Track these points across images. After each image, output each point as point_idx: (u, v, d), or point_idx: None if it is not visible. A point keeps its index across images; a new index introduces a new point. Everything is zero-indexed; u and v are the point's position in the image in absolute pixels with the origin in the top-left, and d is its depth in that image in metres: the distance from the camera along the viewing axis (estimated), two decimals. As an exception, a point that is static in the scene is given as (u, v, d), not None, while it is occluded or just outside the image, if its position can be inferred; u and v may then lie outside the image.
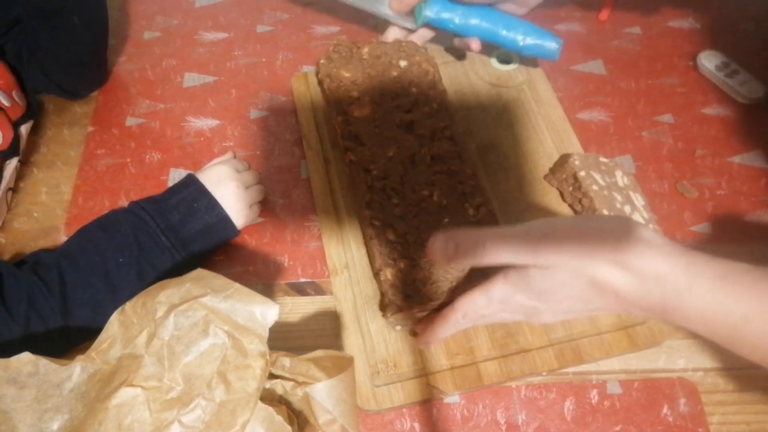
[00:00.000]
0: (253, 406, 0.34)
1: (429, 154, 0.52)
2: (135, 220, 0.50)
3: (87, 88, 0.67)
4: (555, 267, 0.37)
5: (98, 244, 0.49)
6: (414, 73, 0.58)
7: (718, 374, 0.49)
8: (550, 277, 0.37)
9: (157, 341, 0.36)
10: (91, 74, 0.67)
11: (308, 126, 0.62)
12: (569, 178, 0.55)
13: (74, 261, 0.48)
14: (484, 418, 0.47)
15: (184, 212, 0.51)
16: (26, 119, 0.58)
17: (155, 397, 0.34)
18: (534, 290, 0.38)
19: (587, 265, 0.36)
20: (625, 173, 0.55)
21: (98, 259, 0.48)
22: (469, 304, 0.42)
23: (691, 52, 0.68)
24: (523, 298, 0.39)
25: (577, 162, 0.54)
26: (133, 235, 0.49)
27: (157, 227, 0.50)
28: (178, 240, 0.50)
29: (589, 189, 0.52)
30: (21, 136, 0.57)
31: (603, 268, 0.35)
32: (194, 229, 0.51)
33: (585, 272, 0.36)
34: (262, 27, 0.73)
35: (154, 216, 0.50)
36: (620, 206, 0.52)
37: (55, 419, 0.36)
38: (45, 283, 0.46)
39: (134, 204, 0.52)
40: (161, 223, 0.50)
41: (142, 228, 0.50)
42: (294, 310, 0.53)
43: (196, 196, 0.52)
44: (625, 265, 0.35)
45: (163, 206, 0.52)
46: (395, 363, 0.48)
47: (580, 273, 0.36)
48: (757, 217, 0.56)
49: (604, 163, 0.55)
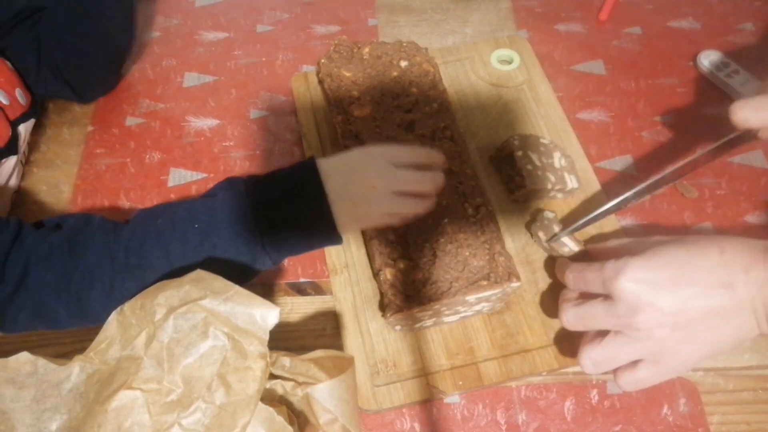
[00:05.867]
0: (254, 408, 0.34)
1: (429, 154, 0.52)
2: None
3: (99, 92, 0.67)
4: None
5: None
6: (414, 73, 0.58)
7: (718, 374, 0.49)
8: None
9: (157, 343, 0.36)
10: (107, 79, 0.67)
11: (308, 126, 0.62)
12: (507, 157, 0.56)
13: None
14: (484, 418, 0.47)
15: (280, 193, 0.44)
16: (27, 118, 0.58)
17: (155, 399, 0.34)
18: None
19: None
20: (563, 155, 0.55)
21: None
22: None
23: (691, 52, 0.68)
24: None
25: (516, 142, 0.56)
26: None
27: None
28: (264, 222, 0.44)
29: (522, 168, 0.54)
30: (20, 135, 0.57)
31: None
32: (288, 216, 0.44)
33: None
34: (262, 27, 0.73)
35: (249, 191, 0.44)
36: (551, 186, 0.53)
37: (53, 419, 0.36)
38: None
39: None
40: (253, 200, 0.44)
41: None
42: (294, 310, 0.53)
43: (301, 177, 0.44)
44: None
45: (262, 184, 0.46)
46: (395, 363, 0.48)
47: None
48: (757, 217, 0.56)
49: (544, 144, 0.56)
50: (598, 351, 0.42)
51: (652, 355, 0.41)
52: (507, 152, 0.56)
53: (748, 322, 0.39)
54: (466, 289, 0.45)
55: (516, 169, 0.55)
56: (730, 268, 0.38)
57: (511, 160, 0.55)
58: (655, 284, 0.40)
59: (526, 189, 0.53)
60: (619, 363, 0.43)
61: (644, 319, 0.39)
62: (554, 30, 0.71)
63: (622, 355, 0.42)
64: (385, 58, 0.59)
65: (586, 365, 0.43)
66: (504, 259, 0.47)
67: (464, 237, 0.48)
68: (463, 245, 0.47)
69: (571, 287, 0.47)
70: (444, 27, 0.72)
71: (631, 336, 0.41)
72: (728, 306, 0.39)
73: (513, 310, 0.50)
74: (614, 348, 0.42)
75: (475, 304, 0.47)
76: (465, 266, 0.46)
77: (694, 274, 0.39)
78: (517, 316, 0.50)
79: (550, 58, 0.68)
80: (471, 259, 0.47)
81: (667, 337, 0.40)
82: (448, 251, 0.47)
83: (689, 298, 0.39)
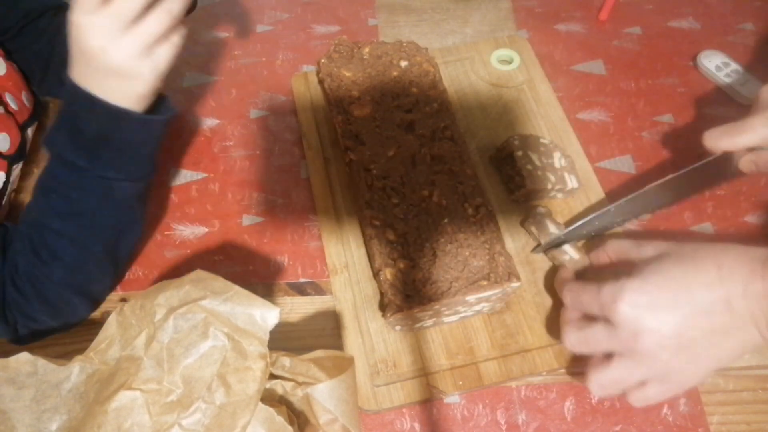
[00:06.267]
0: (254, 408, 0.34)
1: (429, 154, 0.52)
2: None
3: None
4: None
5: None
6: (414, 73, 0.58)
7: (718, 374, 0.49)
8: None
9: (156, 344, 0.36)
10: None
11: (308, 126, 0.62)
12: (507, 157, 0.56)
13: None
14: (484, 418, 0.47)
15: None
16: (33, 121, 0.58)
17: (155, 400, 0.34)
18: None
19: None
20: (563, 155, 0.55)
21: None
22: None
23: (691, 52, 0.68)
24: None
25: (516, 142, 0.56)
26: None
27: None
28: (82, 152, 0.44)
29: (522, 168, 0.54)
30: (27, 139, 0.57)
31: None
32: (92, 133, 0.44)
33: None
34: (262, 27, 0.73)
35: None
36: (551, 186, 0.53)
37: (53, 419, 0.37)
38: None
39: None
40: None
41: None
42: (294, 310, 0.53)
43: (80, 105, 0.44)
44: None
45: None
46: (395, 363, 0.48)
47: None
48: (757, 217, 0.56)
49: (544, 144, 0.56)
50: (605, 375, 0.42)
51: (658, 375, 0.41)
52: (507, 152, 0.56)
53: (750, 334, 0.39)
54: (466, 289, 0.45)
55: (516, 169, 0.55)
56: (727, 284, 0.38)
57: (511, 160, 0.55)
58: (654, 307, 0.39)
59: (526, 189, 0.54)
60: (627, 385, 0.42)
61: (647, 343, 0.39)
62: (554, 30, 0.71)
63: (629, 377, 0.42)
64: (385, 58, 0.59)
65: (594, 389, 0.43)
66: (504, 259, 0.47)
67: (464, 237, 0.48)
68: (463, 245, 0.47)
69: (569, 307, 0.46)
70: (444, 27, 0.72)
71: (635, 360, 0.41)
72: (729, 322, 0.38)
73: (513, 310, 0.50)
74: (620, 371, 0.41)
75: (475, 304, 0.47)
76: (465, 266, 0.46)
77: (692, 293, 0.39)
78: (517, 316, 0.50)
79: (550, 58, 0.68)
80: (471, 259, 0.47)
81: (671, 358, 0.39)
82: (448, 251, 0.47)
83: (689, 317, 0.39)
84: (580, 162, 0.58)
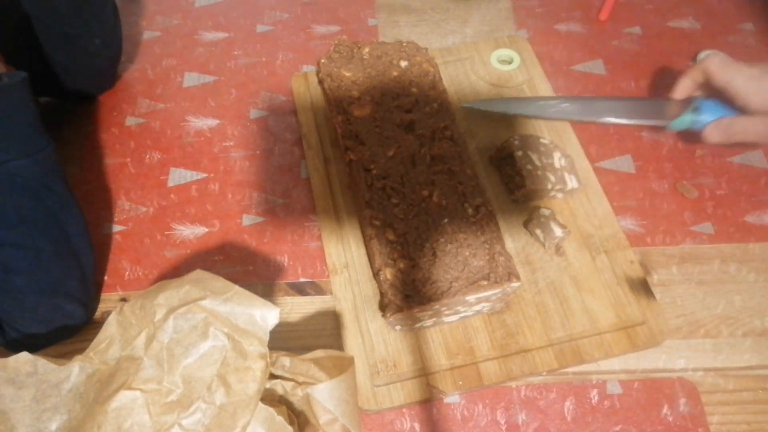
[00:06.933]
0: (254, 408, 0.34)
1: (429, 154, 0.52)
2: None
3: (96, 94, 0.67)
4: None
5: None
6: (414, 73, 0.58)
7: (718, 374, 0.49)
8: None
9: (156, 344, 0.36)
10: (102, 83, 0.68)
11: (308, 126, 0.62)
12: (507, 157, 0.56)
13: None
14: (484, 418, 0.47)
15: None
16: None
17: (155, 400, 0.34)
18: None
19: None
20: (563, 155, 0.55)
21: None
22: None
23: (691, 52, 0.68)
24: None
25: (517, 142, 0.56)
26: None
27: None
28: None
29: (522, 168, 0.54)
30: None
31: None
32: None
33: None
34: (262, 27, 0.73)
35: None
36: (551, 186, 0.54)
37: (53, 419, 0.36)
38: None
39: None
40: None
41: None
42: (294, 310, 0.53)
43: None
44: None
45: None
46: (395, 363, 0.48)
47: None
48: (757, 217, 0.56)
49: (544, 144, 0.56)
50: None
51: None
52: (507, 152, 0.56)
53: None
54: (466, 289, 0.45)
55: (516, 169, 0.55)
56: None
57: (511, 160, 0.55)
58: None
59: (526, 189, 0.54)
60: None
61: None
62: (554, 30, 0.71)
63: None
64: (385, 58, 0.59)
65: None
66: (504, 259, 0.47)
67: (464, 237, 0.48)
68: (463, 245, 0.47)
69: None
70: (444, 27, 0.72)
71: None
72: None
73: (513, 310, 0.50)
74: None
75: (475, 304, 0.47)
76: (465, 266, 0.46)
77: None
78: (517, 316, 0.50)
79: (550, 58, 0.68)
80: (471, 259, 0.47)
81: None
82: (448, 251, 0.47)
83: None
84: (580, 162, 0.58)
